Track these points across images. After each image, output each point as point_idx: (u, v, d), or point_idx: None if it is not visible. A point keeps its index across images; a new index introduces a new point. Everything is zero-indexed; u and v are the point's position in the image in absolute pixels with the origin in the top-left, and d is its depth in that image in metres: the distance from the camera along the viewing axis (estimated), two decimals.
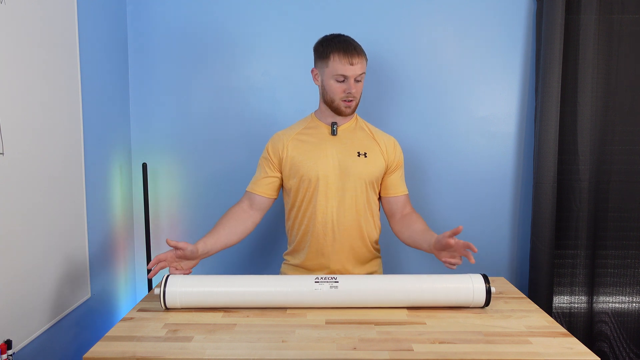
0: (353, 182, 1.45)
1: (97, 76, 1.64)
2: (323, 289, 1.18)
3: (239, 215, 1.46)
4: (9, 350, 1.10)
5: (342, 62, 1.37)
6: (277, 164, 1.49)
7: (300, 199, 1.48)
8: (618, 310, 1.93)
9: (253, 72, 1.90)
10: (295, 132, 1.51)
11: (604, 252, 1.91)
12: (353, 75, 1.39)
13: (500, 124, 1.93)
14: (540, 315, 1.18)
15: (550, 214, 1.83)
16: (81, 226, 1.51)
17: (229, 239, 1.41)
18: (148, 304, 1.25)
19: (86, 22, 1.55)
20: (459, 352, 0.98)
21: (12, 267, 1.17)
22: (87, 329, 1.59)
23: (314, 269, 1.50)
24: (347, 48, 1.38)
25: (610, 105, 1.85)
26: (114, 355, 0.97)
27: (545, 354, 0.98)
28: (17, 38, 1.18)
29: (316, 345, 1.01)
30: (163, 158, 1.93)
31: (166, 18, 1.88)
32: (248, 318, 1.15)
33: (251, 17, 1.88)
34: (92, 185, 1.59)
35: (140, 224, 1.94)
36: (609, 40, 1.82)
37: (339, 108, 1.44)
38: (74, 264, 1.47)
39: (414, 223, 1.46)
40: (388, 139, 1.53)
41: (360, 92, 1.44)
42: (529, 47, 1.89)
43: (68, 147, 1.43)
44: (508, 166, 1.94)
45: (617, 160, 1.87)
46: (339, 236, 1.46)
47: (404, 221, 1.50)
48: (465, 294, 1.19)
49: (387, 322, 1.13)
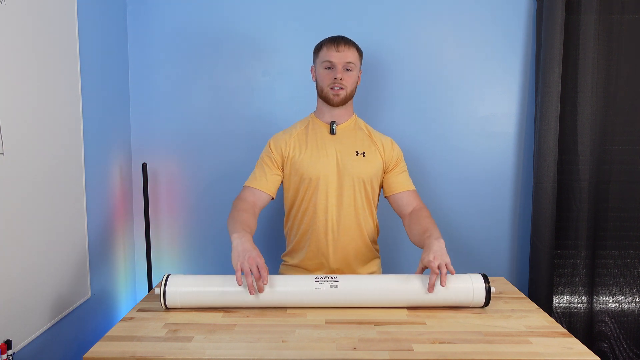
0: (351, 181, 1.45)
1: (97, 76, 1.64)
2: (323, 288, 1.18)
3: (252, 210, 1.39)
4: (9, 350, 1.10)
5: (329, 49, 1.43)
6: (280, 163, 1.50)
7: (301, 198, 1.48)
8: (618, 310, 1.93)
9: (253, 72, 1.90)
10: (295, 132, 1.52)
11: (604, 252, 1.91)
12: (340, 62, 1.42)
13: (500, 124, 1.93)
14: (540, 315, 1.18)
15: (550, 214, 1.83)
16: (81, 226, 1.51)
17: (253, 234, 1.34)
18: (148, 304, 1.25)
19: (86, 22, 1.55)
20: (459, 352, 0.98)
21: (12, 267, 1.16)
22: (87, 329, 1.59)
23: (313, 269, 1.50)
24: (335, 38, 1.46)
25: (610, 105, 1.85)
26: (114, 355, 0.97)
27: (545, 354, 0.98)
28: (17, 38, 1.18)
29: (316, 345, 1.01)
30: (163, 158, 1.93)
31: (166, 18, 1.88)
32: (248, 318, 1.15)
33: (251, 17, 1.88)
34: (92, 185, 1.59)
35: (140, 224, 1.95)
36: (609, 40, 1.82)
37: (328, 96, 1.45)
38: (74, 264, 1.47)
39: (416, 223, 1.41)
40: (385, 139, 1.54)
41: (351, 82, 1.45)
42: (529, 47, 1.89)
43: (68, 147, 1.43)
44: (508, 166, 1.94)
45: (617, 160, 1.87)
46: (339, 235, 1.46)
47: (411, 220, 1.44)
48: (465, 294, 1.19)
49: (387, 322, 1.13)
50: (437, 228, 1.36)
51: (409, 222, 1.45)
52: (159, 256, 1.97)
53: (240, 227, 1.27)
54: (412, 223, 1.42)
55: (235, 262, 1.16)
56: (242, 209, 1.37)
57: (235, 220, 1.31)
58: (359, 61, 1.48)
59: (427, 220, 1.39)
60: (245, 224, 1.29)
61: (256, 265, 1.14)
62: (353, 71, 1.45)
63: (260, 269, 1.13)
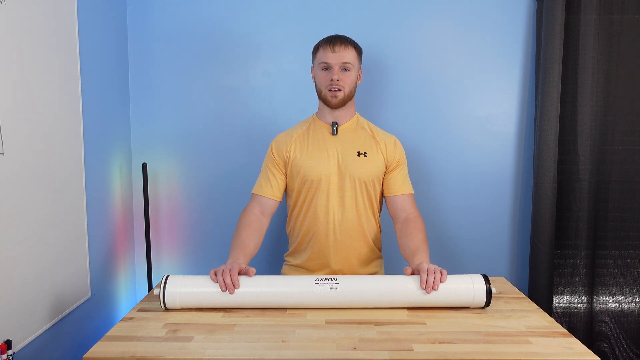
0: (352, 182, 1.45)
1: (97, 76, 1.64)
2: (323, 291, 1.17)
3: (256, 224, 1.42)
4: (9, 350, 1.10)
5: (325, 50, 1.42)
6: (283, 166, 1.49)
7: (302, 199, 1.48)
8: (618, 310, 1.93)
9: (253, 73, 1.90)
10: (297, 133, 1.52)
11: (604, 252, 1.91)
12: (336, 63, 1.41)
13: (500, 124, 1.93)
14: (540, 315, 1.18)
15: (550, 214, 1.83)
16: (81, 226, 1.51)
17: (254, 252, 1.38)
18: (148, 304, 1.25)
19: (86, 22, 1.55)
20: (459, 352, 0.98)
21: (12, 267, 1.16)
22: (87, 329, 1.59)
23: (315, 270, 1.50)
24: (331, 38, 1.44)
25: (610, 105, 1.85)
26: (114, 355, 0.97)
27: (545, 354, 0.98)
28: (17, 38, 1.18)
29: (316, 345, 1.01)
30: (163, 158, 1.93)
31: (166, 18, 1.88)
32: (248, 318, 1.15)
33: (251, 17, 1.87)
34: (92, 185, 1.59)
35: (140, 224, 1.94)
36: (609, 40, 1.82)
37: (326, 98, 1.45)
38: (74, 264, 1.47)
39: (407, 237, 1.39)
40: (388, 138, 1.53)
41: (349, 83, 1.43)
42: (529, 47, 1.89)
43: (68, 147, 1.43)
44: (508, 166, 1.94)
45: (617, 160, 1.87)
46: (341, 236, 1.46)
47: (403, 231, 1.43)
48: (465, 295, 1.19)
49: (387, 322, 1.13)
50: (427, 247, 1.37)
51: (400, 230, 1.44)
52: (158, 256, 1.97)
53: (235, 253, 1.32)
54: (403, 235, 1.42)
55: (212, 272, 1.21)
56: (245, 226, 1.40)
57: (234, 242, 1.37)
58: (357, 60, 1.45)
59: (419, 236, 1.38)
60: (242, 247, 1.33)
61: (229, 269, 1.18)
62: (351, 71, 1.43)
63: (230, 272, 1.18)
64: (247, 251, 1.33)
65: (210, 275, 1.19)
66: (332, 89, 1.42)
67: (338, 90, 1.42)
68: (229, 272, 1.18)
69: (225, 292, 1.17)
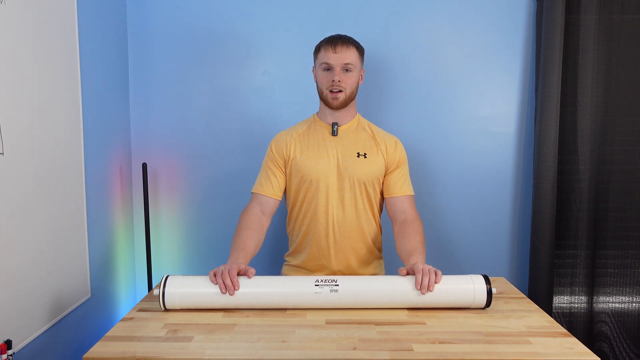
0: (352, 183, 1.45)
1: (97, 76, 1.64)
2: (323, 293, 1.17)
3: (257, 224, 1.41)
4: (9, 350, 1.10)
5: (327, 50, 1.41)
6: (283, 164, 1.49)
7: (301, 199, 1.48)
8: (618, 310, 1.93)
9: (253, 72, 1.90)
10: (297, 132, 1.51)
11: (604, 252, 1.91)
12: (338, 64, 1.40)
13: (500, 124, 1.93)
14: (540, 315, 1.18)
15: (550, 214, 1.83)
16: (81, 226, 1.51)
17: (254, 252, 1.37)
18: (148, 304, 1.25)
19: (86, 22, 1.54)
20: (459, 352, 0.98)
21: (12, 267, 1.16)
22: (87, 329, 1.59)
23: (315, 270, 1.50)
24: (333, 38, 1.42)
25: (610, 105, 1.85)
26: (114, 355, 0.97)
27: (545, 354, 0.98)
28: (17, 38, 1.18)
29: (316, 345, 1.01)
30: (163, 158, 1.93)
31: (166, 18, 1.88)
32: (248, 318, 1.15)
33: (251, 17, 1.87)
34: (92, 185, 1.59)
35: (140, 224, 1.94)
36: (609, 40, 1.82)
37: (327, 99, 1.44)
38: (74, 264, 1.47)
39: (405, 238, 1.38)
40: (389, 138, 1.52)
41: (350, 84, 1.42)
42: (529, 47, 1.89)
43: (68, 147, 1.43)
44: (508, 166, 1.94)
45: (617, 160, 1.87)
46: (340, 237, 1.46)
47: (400, 232, 1.42)
48: (466, 295, 1.18)
49: (387, 322, 1.13)
50: (424, 249, 1.36)
51: (398, 232, 1.43)
52: (158, 256, 1.97)
53: (235, 253, 1.31)
54: (400, 236, 1.41)
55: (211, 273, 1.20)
56: (246, 226, 1.39)
57: (234, 242, 1.36)
58: (359, 61, 1.44)
59: (416, 238, 1.37)
60: (242, 248, 1.32)
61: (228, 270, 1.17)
62: (352, 72, 1.42)
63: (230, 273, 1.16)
64: (247, 251, 1.33)
65: (210, 276, 1.19)
66: (334, 90, 1.42)
67: (339, 91, 1.42)
68: (228, 274, 1.17)
69: (225, 293, 1.16)
